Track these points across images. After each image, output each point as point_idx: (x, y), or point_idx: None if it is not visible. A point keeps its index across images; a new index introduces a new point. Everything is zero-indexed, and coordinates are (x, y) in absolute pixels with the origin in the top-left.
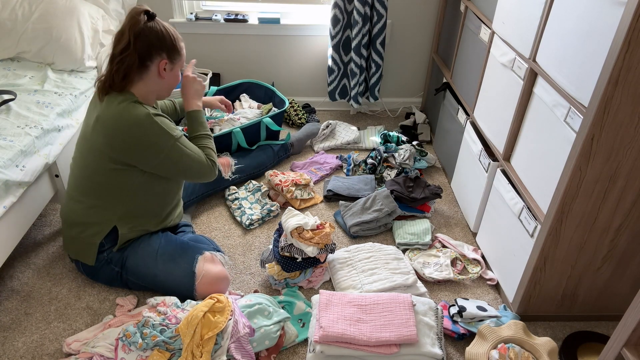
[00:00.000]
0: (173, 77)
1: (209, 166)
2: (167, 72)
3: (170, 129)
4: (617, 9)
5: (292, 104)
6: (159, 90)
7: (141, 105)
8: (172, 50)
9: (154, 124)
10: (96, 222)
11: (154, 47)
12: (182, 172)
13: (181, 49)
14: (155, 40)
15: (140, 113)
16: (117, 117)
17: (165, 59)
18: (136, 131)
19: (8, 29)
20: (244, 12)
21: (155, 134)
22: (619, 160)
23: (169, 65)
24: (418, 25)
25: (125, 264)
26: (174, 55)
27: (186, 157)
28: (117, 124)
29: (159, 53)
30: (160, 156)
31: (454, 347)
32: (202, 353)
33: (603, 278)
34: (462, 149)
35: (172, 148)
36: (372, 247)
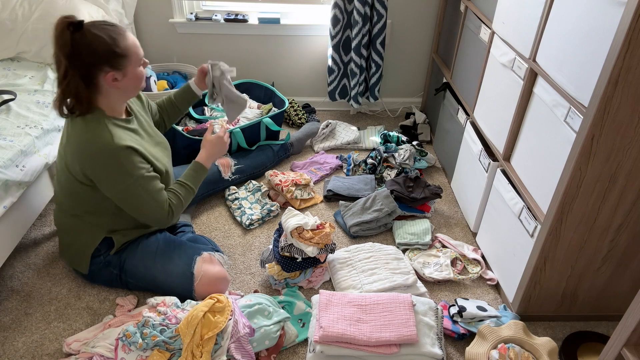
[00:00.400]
0: (132, 80)
1: (164, 216)
2: (120, 81)
3: (134, 167)
4: (617, 9)
5: (292, 104)
6: (124, 97)
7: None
8: (112, 58)
9: (115, 158)
10: (84, 234)
11: (91, 64)
12: (132, 211)
13: (125, 50)
14: (89, 57)
15: (107, 144)
16: (85, 141)
17: (110, 70)
18: (98, 162)
19: (8, 29)
20: (244, 12)
21: (114, 170)
22: (619, 160)
23: (118, 73)
24: (418, 25)
25: (124, 266)
26: (118, 62)
27: (139, 200)
28: (83, 149)
29: (100, 67)
30: (114, 191)
31: (454, 347)
32: (202, 353)
33: (603, 278)
34: (462, 149)
35: (128, 187)
36: (372, 247)
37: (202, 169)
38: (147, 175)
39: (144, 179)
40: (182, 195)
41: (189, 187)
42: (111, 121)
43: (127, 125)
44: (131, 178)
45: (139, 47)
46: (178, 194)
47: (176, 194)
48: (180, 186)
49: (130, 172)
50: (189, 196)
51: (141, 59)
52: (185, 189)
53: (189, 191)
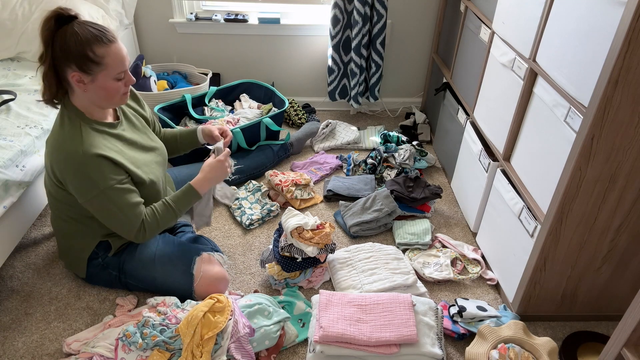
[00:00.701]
0: (101, 89)
1: (133, 233)
2: (87, 85)
3: (101, 177)
4: (617, 9)
5: (292, 104)
6: (95, 103)
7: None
8: (82, 59)
9: (83, 166)
10: (78, 238)
11: (60, 59)
12: (105, 221)
13: (100, 57)
14: (60, 52)
15: (75, 151)
16: (56, 145)
17: (76, 70)
18: (66, 167)
19: (8, 29)
20: (244, 12)
21: (80, 178)
22: (619, 160)
23: (85, 77)
24: (418, 25)
25: (123, 267)
26: (87, 65)
27: (107, 212)
28: (53, 152)
29: (68, 65)
30: (82, 199)
31: (454, 347)
32: (202, 353)
33: (603, 278)
34: (462, 149)
35: (95, 198)
36: (372, 247)
37: (194, 193)
38: (118, 187)
39: (112, 191)
40: (159, 215)
41: (171, 209)
42: (90, 125)
43: (109, 130)
44: (97, 189)
45: (121, 61)
46: (156, 212)
47: (154, 212)
48: (163, 205)
49: (97, 182)
50: (170, 218)
51: (120, 73)
52: (167, 210)
53: (170, 213)
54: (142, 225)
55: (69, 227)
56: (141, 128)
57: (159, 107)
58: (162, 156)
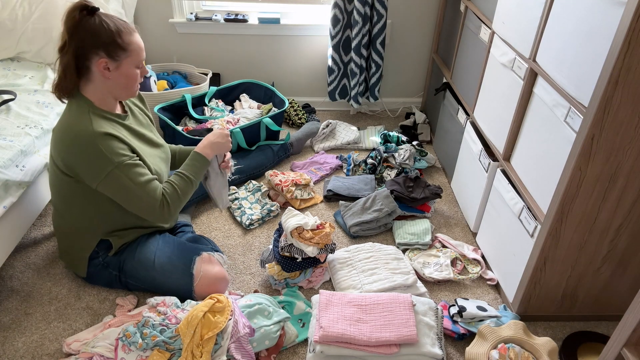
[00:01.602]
0: (124, 77)
1: (157, 207)
2: (112, 72)
3: (113, 153)
4: (617, 9)
5: (292, 104)
6: (112, 92)
7: (92, 118)
8: (112, 46)
9: (93, 145)
10: (80, 236)
11: (88, 45)
12: (125, 201)
13: (127, 44)
14: (89, 37)
15: (84, 130)
16: (64, 129)
17: (104, 57)
18: (76, 149)
19: (8, 29)
20: (244, 12)
21: (93, 156)
22: (619, 160)
23: (112, 63)
24: (418, 25)
25: (123, 267)
26: (116, 52)
27: (125, 190)
28: (62, 137)
29: (95, 51)
30: (97, 181)
31: (454, 347)
32: (202, 353)
33: (603, 278)
34: (462, 149)
35: (110, 175)
36: (372, 247)
37: (201, 158)
38: (130, 163)
39: (126, 167)
40: (177, 185)
41: (186, 177)
42: (98, 112)
43: (117, 119)
44: (111, 165)
45: (143, 50)
46: (173, 183)
47: (171, 183)
48: (177, 176)
49: (110, 158)
50: (188, 188)
51: (140, 61)
52: (182, 179)
53: (187, 182)
54: (164, 199)
55: (71, 225)
56: (146, 125)
57: (159, 107)
58: (166, 154)
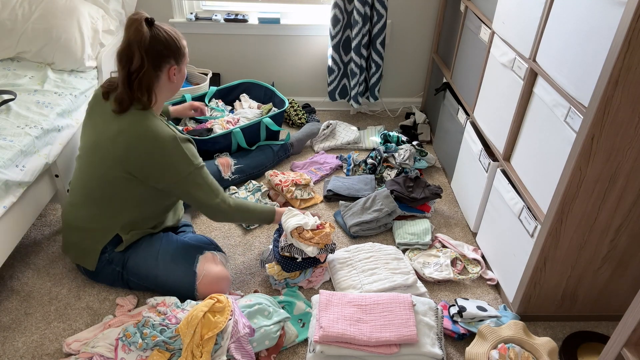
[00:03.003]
0: (182, 78)
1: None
2: (176, 76)
3: (193, 156)
4: (617, 9)
5: (292, 104)
6: (169, 95)
7: (166, 125)
8: (179, 53)
9: (177, 147)
10: (99, 229)
11: (163, 57)
12: (195, 198)
13: (184, 48)
14: (164, 50)
15: (167, 135)
16: (143, 135)
17: (174, 64)
18: (159, 152)
19: (8, 29)
20: (244, 12)
21: (176, 158)
22: (619, 160)
23: (177, 68)
24: (418, 25)
25: (127, 264)
26: (181, 58)
27: (199, 189)
28: (142, 142)
29: (168, 61)
30: (175, 180)
31: (454, 347)
32: (202, 353)
33: (603, 278)
34: (462, 149)
35: (189, 175)
36: (372, 247)
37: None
38: (203, 165)
39: (202, 168)
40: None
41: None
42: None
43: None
44: (192, 165)
45: None
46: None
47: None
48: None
49: (192, 159)
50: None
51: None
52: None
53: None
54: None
55: (92, 220)
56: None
57: None
58: None
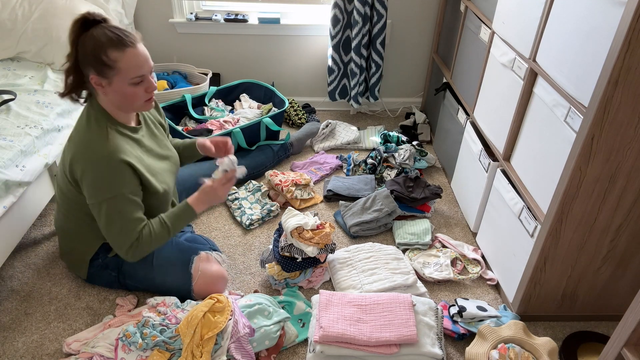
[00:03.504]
0: (118, 94)
1: (126, 247)
2: (106, 88)
3: (120, 183)
4: (617, 9)
5: (292, 104)
6: (117, 106)
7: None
8: (97, 63)
9: (108, 167)
10: (83, 241)
11: (81, 63)
12: (104, 228)
13: (114, 61)
14: (81, 55)
15: (101, 151)
16: (84, 143)
17: (94, 74)
18: (89, 166)
19: (8, 29)
20: (244, 12)
21: (100, 178)
22: (619, 160)
23: (102, 80)
24: (418, 25)
25: (122, 268)
26: (103, 70)
27: (110, 219)
28: (80, 150)
29: (87, 68)
30: (92, 201)
31: (454, 347)
32: (202, 353)
33: (603, 278)
34: (462, 149)
35: (103, 202)
36: (372, 247)
37: (190, 211)
38: (129, 198)
39: (124, 200)
40: (154, 233)
41: (166, 227)
42: (115, 127)
43: (131, 134)
44: (111, 192)
45: (137, 67)
46: (152, 230)
47: (150, 230)
48: (159, 223)
49: (114, 186)
50: (163, 237)
51: (134, 79)
52: (162, 228)
53: (165, 231)
54: (137, 242)
55: (74, 229)
56: (158, 135)
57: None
58: (175, 165)
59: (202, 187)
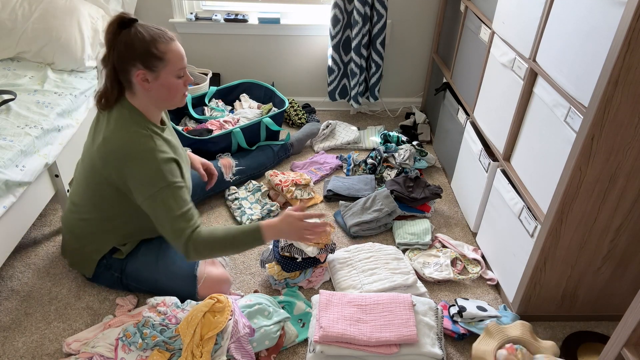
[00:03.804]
0: (164, 87)
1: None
2: (151, 83)
3: (170, 173)
4: (617, 9)
5: (292, 104)
6: (156, 104)
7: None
8: (147, 56)
9: (156, 161)
10: (97, 242)
11: (125, 58)
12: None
13: (163, 53)
14: (125, 51)
15: (146, 147)
16: (122, 144)
17: (141, 68)
18: (136, 164)
19: (8, 29)
20: (244, 12)
21: (151, 171)
22: (619, 160)
23: (150, 74)
24: (418, 25)
25: (126, 269)
26: (152, 62)
27: (165, 209)
28: (120, 152)
29: (133, 64)
30: (146, 195)
31: (454, 347)
32: (202, 353)
33: (603, 278)
34: (462, 149)
35: (159, 191)
36: (372, 247)
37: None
38: (180, 186)
39: (176, 189)
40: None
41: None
42: (149, 127)
43: (161, 133)
44: (165, 182)
45: (181, 59)
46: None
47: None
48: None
49: (166, 176)
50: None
51: (179, 70)
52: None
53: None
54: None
55: (88, 229)
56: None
57: None
58: (189, 165)
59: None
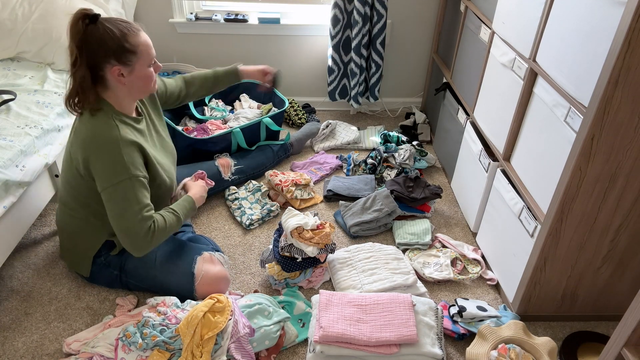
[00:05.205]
0: (140, 79)
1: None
2: (127, 77)
3: (132, 164)
4: (617, 9)
5: (292, 104)
6: (131, 95)
7: (117, 124)
8: (121, 52)
9: (118, 149)
10: (88, 237)
11: (98, 55)
12: (117, 216)
13: (135, 46)
14: (97, 48)
15: (111, 134)
16: (91, 133)
17: (116, 64)
18: (100, 152)
19: (8, 29)
20: (244, 12)
21: (114, 160)
22: (619, 160)
23: (125, 69)
24: (418, 25)
25: (124, 266)
26: (126, 57)
27: (127, 202)
28: (89, 140)
29: (107, 61)
30: (105, 186)
31: (454, 347)
32: (202, 353)
33: (603, 278)
34: (462, 149)
35: (117, 185)
36: (372, 247)
37: (194, 206)
38: (141, 181)
39: (137, 182)
40: (167, 220)
41: (177, 216)
42: (119, 117)
43: (134, 124)
44: (126, 174)
45: (151, 48)
46: (165, 217)
47: (163, 217)
48: (169, 212)
49: (128, 168)
50: (175, 226)
51: (151, 59)
52: (174, 216)
53: (177, 220)
54: (151, 227)
55: (78, 226)
56: (159, 128)
57: None
58: (174, 157)
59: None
